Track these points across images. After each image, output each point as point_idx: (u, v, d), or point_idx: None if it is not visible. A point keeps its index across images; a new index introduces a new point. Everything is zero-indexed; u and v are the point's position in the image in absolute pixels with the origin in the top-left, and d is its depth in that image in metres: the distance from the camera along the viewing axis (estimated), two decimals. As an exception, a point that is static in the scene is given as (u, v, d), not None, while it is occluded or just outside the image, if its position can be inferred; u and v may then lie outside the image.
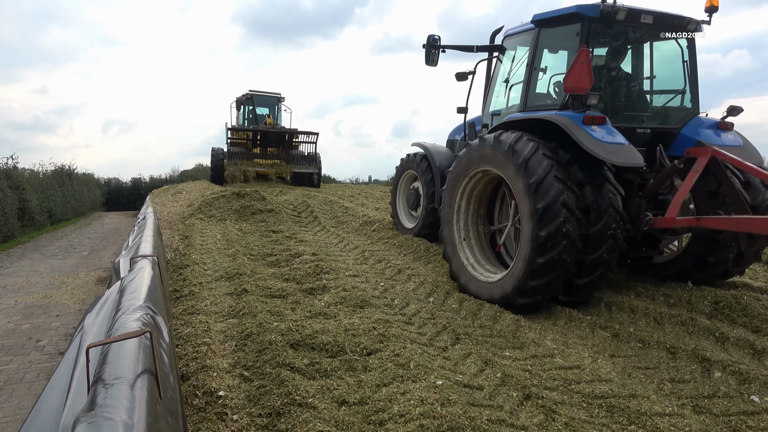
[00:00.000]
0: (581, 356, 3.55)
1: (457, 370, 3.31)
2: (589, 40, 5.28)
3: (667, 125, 5.66)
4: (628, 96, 5.77)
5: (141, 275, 2.18)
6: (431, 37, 6.46)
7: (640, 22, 5.47)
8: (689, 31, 5.69)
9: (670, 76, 5.87)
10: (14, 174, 18.18)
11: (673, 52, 5.81)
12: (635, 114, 5.64)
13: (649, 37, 5.75)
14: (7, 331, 6.67)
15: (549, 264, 4.42)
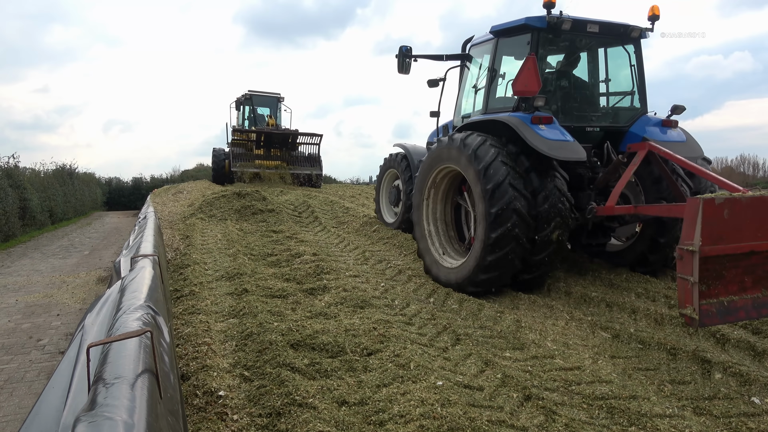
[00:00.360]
0: (582, 357, 3.55)
1: (457, 371, 3.30)
2: (538, 48, 5.81)
3: (616, 124, 6.16)
4: (578, 98, 6.25)
5: (142, 275, 2.18)
6: (404, 47, 6.93)
7: (586, 31, 5.96)
8: (634, 38, 6.21)
9: (620, 80, 6.40)
10: (15, 173, 18.19)
11: (621, 57, 6.34)
12: (585, 114, 6.12)
13: (597, 44, 6.29)
14: (7, 330, 6.68)
15: (502, 238, 4.95)
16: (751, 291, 3.67)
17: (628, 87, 6.34)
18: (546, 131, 5.27)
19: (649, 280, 5.47)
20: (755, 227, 3.73)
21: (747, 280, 3.70)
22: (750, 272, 3.72)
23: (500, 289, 5.22)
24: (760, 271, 3.73)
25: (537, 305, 4.71)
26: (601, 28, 6.03)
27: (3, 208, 15.46)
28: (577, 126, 5.87)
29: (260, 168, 16.48)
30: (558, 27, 5.79)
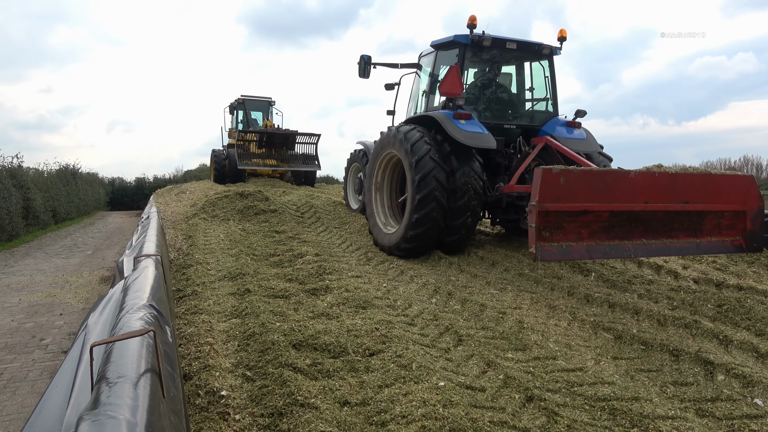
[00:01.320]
0: (584, 358, 3.54)
1: (459, 372, 3.30)
2: (465, 60, 7.24)
3: (531, 124, 7.59)
4: (500, 101, 7.75)
5: (145, 274, 2.18)
6: (365, 56, 8.19)
7: (505, 47, 7.38)
8: (546, 54, 7.62)
9: (537, 88, 7.86)
10: (19, 173, 18.24)
11: (538, 70, 7.80)
12: (505, 114, 7.66)
13: (516, 58, 7.79)
14: (11, 329, 6.70)
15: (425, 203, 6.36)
16: (587, 240, 4.78)
17: (543, 94, 7.82)
18: (465, 125, 6.60)
19: (651, 281, 5.47)
20: (588, 193, 4.80)
21: (584, 232, 4.83)
22: (586, 226, 4.83)
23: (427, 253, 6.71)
24: (594, 226, 4.84)
25: (539, 306, 4.70)
26: (518, 46, 7.45)
27: (7, 208, 15.51)
28: (497, 123, 7.36)
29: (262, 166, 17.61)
30: (480, 43, 7.18)
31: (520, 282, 5.59)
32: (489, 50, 7.47)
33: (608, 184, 5.04)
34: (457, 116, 6.67)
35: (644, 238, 5.23)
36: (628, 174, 5.11)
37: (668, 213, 5.26)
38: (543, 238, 4.60)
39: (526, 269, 6.07)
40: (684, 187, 5.32)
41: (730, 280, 5.44)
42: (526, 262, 6.40)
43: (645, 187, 5.18)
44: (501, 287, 5.27)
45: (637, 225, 5.16)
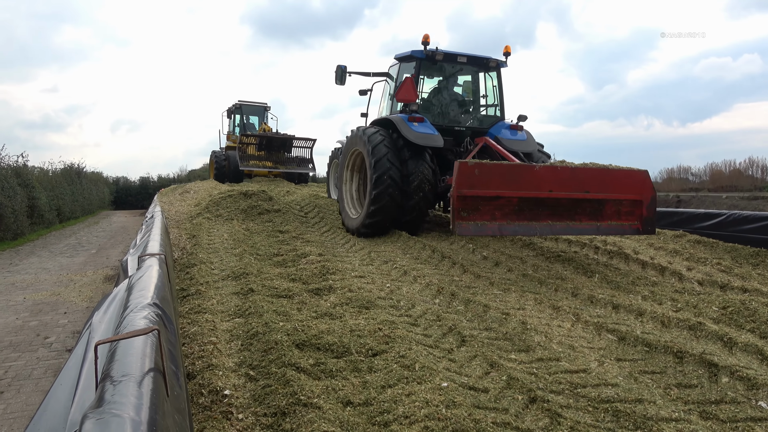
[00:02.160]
0: (587, 360, 3.53)
1: (462, 373, 3.30)
2: (421, 71, 8.61)
3: (480, 126, 8.84)
4: (451, 106, 8.99)
5: (149, 273, 2.19)
6: (341, 65, 9.37)
7: (456, 61, 8.67)
8: (492, 67, 8.91)
9: (486, 96, 9.19)
10: (24, 172, 18.32)
11: (487, 80, 9.12)
12: (457, 118, 8.96)
13: (467, 70, 9.07)
14: (15, 327, 6.72)
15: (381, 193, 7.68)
16: (499, 220, 5.84)
17: (492, 101, 9.14)
18: (417, 126, 7.84)
19: (656, 283, 5.45)
20: (500, 182, 5.85)
21: (497, 213, 5.87)
22: (498, 209, 5.87)
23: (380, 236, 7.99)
24: (505, 209, 5.90)
25: (543, 306, 4.70)
26: (468, 60, 8.74)
27: (12, 207, 15.57)
28: (448, 126, 8.63)
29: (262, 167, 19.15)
30: (433, 57, 8.44)
31: (524, 283, 5.58)
32: (442, 63, 8.76)
33: (517, 176, 6.12)
34: (411, 119, 7.93)
35: (550, 220, 6.33)
36: (534, 167, 6.22)
37: (571, 200, 6.34)
38: (461, 217, 5.78)
39: (530, 270, 6.06)
40: (585, 179, 6.40)
41: (735, 282, 5.42)
42: (530, 263, 6.39)
43: (549, 178, 6.22)
44: (504, 288, 5.26)
45: (544, 209, 6.25)
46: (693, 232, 7.98)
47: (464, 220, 5.81)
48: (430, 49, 8.39)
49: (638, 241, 7.66)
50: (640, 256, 6.57)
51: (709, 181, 32.98)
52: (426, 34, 8.37)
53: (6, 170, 16.48)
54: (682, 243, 7.49)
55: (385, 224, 7.97)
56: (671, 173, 36.85)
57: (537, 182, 6.17)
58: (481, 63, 8.91)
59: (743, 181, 32.17)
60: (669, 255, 6.86)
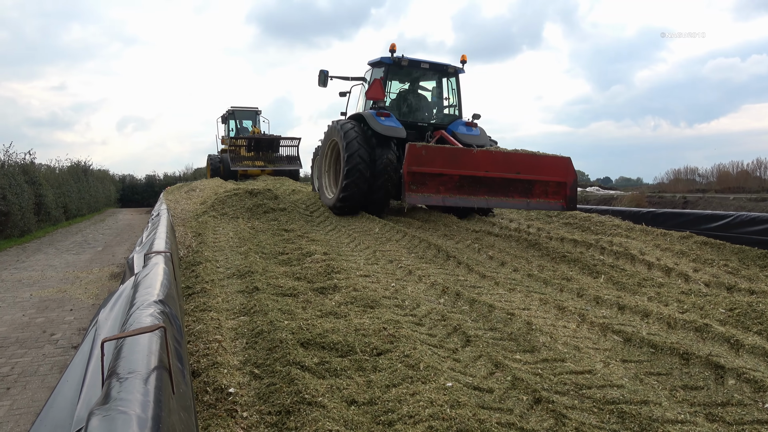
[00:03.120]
0: (593, 361, 3.52)
1: (467, 372, 3.29)
2: (389, 75, 10.17)
3: (440, 123, 10.43)
4: (416, 105, 10.71)
5: (155, 271, 2.20)
6: (323, 70, 10.80)
7: (420, 66, 10.28)
8: (451, 73, 10.56)
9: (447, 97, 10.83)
10: (31, 169, 18.42)
11: (447, 83, 10.76)
12: (421, 115, 10.63)
13: (430, 75, 10.73)
14: (22, 324, 6.76)
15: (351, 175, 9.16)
16: (443, 193, 7.49)
17: (451, 102, 10.78)
18: (383, 120, 9.29)
19: (662, 284, 5.43)
20: (443, 162, 7.45)
21: (441, 188, 7.51)
22: (442, 184, 7.51)
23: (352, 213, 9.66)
24: (448, 185, 7.55)
25: (548, 307, 4.68)
26: (430, 66, 10.33)
27: (19, 204, 15.66)
28: (412, 121, 10.25)
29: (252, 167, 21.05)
30: (399, 63, 10.03)
31: (529, 283, 5.57)
32: (407, 68, 10.38)
33: (457, 157, 7.75)
34: (379, 114, 9.43)
35: (486, 195, 7.96)
36: (472, 151, 7.83)
37: (505, 179, 7.96)
38: (411, 189, 7.47)
39: (535, 270, 6.05)
40: (516, 162, 8.05)
41: (742, 284, 5.38)
42: (535, 263, 6.37)
43: (485, 161, 7.86)
44: (510, 288, 5.25)
45: (481, 186, 7.88)
46: (700, 233, 7.94)
47: (413, 192, 7.54)
48: (396, 56, 10.05)
49: (644, 242, 7.63)
50: (647, 257, 6.54)
51: (716, 183, 32.73)
52: (393, 44, 9.98)
53: (13, 168, 16.57)
54: (688, 244, 7.45)
55: (354, 201, 9.43)
56: (678, 174, 36.54)
57: (475, 163, 7.85)
58: (442, 69, 10.57)
59: (751, 182, 31.92)
60: (675, 256, 6.82)
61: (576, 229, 8.97)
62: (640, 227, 8.56)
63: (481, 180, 7.89)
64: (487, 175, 7.89)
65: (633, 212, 9.88)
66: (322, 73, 10.80)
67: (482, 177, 7.89)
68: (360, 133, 9.41)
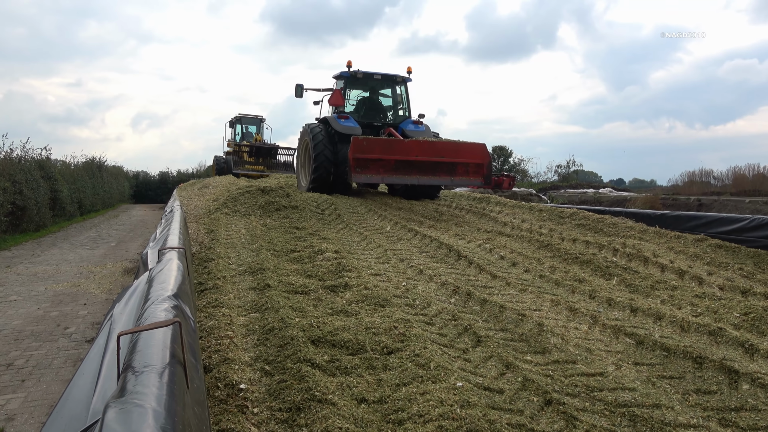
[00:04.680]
0: (604, 363, 3.50)
1: (477, 373, 3.29)
2: (347, 86, 12.84)
3: (393, 122, 12.92)
4: (372, 109, 13.26)
5: (169, 266, 2.22)
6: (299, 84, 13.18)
7: (373, 78, 12.94)
8: (400, 82, 13.18)
9: (399, 101, 13.37)
10: (47, 165, 18.63)
11: (398, 90, 13.34)
12: (377, 117, 13.14)
13: (382, 84, 13.32)
14: (36, 317, 6.85)
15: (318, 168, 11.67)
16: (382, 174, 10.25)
17: (402, 105, 13.33)
18: (343, 122, 11.77)
19: (675, 287, 5.38)
20: (380, 150, 10.08)
21: (381, 170, 10.12)
22: (381, 167, 10.08)
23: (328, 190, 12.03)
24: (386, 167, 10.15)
25: (560, 308, 4.66)
26: (382, 77, 13.01)
27: (35, 199, 15.85)
28: (369, 122, 12.68)
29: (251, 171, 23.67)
30: (356, 76, 12.79)
31: (541, 284, 5.54)
32: (362, 80, 13.04)
33: (392, 146, 10.49)
34: (339, 117, 11.96)
35: (417, 175, 10.63)
36: (403, 141, 10.71)
37: (432, 162, 10.66)
38: (356, 171, 10.11)
39: (547, 271, 6.01)
40: (441, 149, 10.77)
41: (757, 288, 5.32)
42: (547, 264, 6.34)
43: (415, 148, 10.56)
44: (521, 288, 5.23)
45: (413, 168, 10.54)
46: (714, 236, 7.85)
47: (358, 173, 10.26)
48: (352, 71, 12.72)
49: (658, 245, 7.56)
50: (660, 260, 6.48)
51: (731, 185, 32.29)
52: (349, 60, 12.72)
53: (30, 163, 16.78)
54: (702, 247, 7.37)
55: (321, 186, 11.91)
56: (692, 176, 36.08)
57: (406, 150, 10.54)
58: (392, 79, 13.17)
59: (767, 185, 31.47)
60: (689, 259, 6.76)
61: (589, 230, 8.91)
62: (653, 229, 8.48)
63: (412, 163, 10.59)
64: (417, 159, 10.56)
65: (647, 214, 9.79)
66: (298, 86, 13.15)
67: (413, 161, 10.57)
68: (325, 134, 11.80)
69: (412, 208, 11.37)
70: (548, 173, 44.91)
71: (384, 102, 13.57)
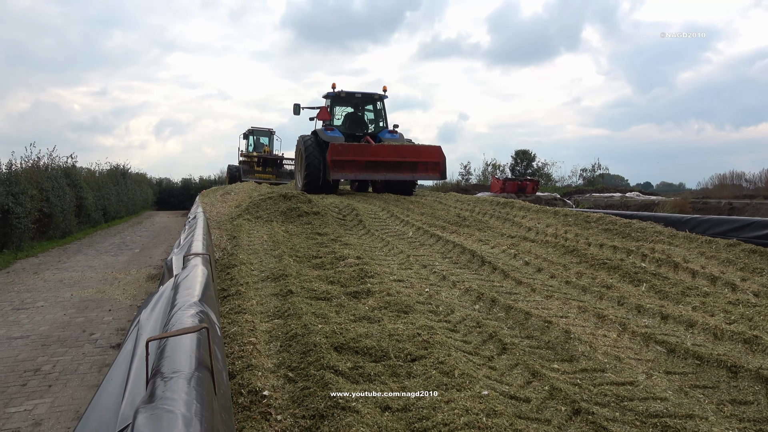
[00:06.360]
0: (634, 372, 3.44)
1: (503, 381, 3.26)
2: (334, 103, 15.71)
3: (373, 133, 15.47)
4: (354, 122, 15.93)
5: (194, 272, 2.24)
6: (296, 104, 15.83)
7: (355, 96, 15.73)
8: (377, 99, 15.96)
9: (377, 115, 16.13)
10: (73, 172, 19.06)
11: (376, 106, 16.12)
12: (359, 128, 15.69)
13: (363, 102, 16.15)
14: (63, 323, 7.00)
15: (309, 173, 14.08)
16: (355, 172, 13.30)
17: (380, 118, 16.03)
18: (329, 133, 14.25)
19: (707, 294, 5.26)
20: (353, 153, 13.10)
21: (354, 169, 13.14)
22: (354, 167, 13.12)
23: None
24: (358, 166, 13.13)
25: (587, 315, 4.59)
26: (362, 95, 15.76)
27: (61, 206, 16.21)
28: (352, 133, 15.19)
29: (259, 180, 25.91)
30: (339, 95, 15.48)
31: (567, 290, 5.48)
32: (345, 98, 15.76)
33: (362, 149, 13.24)
34: (326, 129, 14.53)
35: (385, 173, 13.36)
36: (371, 145, 13.53)
37: (396, 162, 13.36)
38: (334, 170, 12.86)
39: (574, 277, 5.94)
40: (403, 151, 13.59)
41: (794, 295, 5.17)
42: (573, 270, 6.26)
43: (382, 151, 13.35)
44: (547, 295, 5.18)
45: (381, 167, 13.23)
46: (748, 240, 7.66)
47: (335, 172, 12.96)
48: (337, 91, 15.45)
49: (688, 250, 7.41)
50: (690, 265, 6.35)
51: (764, 188, 31.45)
52: (333, 83, 15.54)
53: (56, 171, 17.18)
54: (735, 252, 7.20)
55: (312, 186, 14.03)
56: (723, 179, 35.20)
57: (374, 152, 13.31)
58: (370, 96, 15.91)
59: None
60: (721, 264, 6.61)
61: (616, 235, 8.77)
62: (683, 234, 8.32)
63: (380, 163, 13.27)
64: (384, 159, 13.28)
65: (676, 218, 9.61)
66: (295, 105, 15.73)
67: (380, 161, 13.25)
68: (314, 143, 14.24)
69: (435, 213, 11.34)
70: (573, 177, 44.36)
71: (366, 116, 16.43)
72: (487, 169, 44.67)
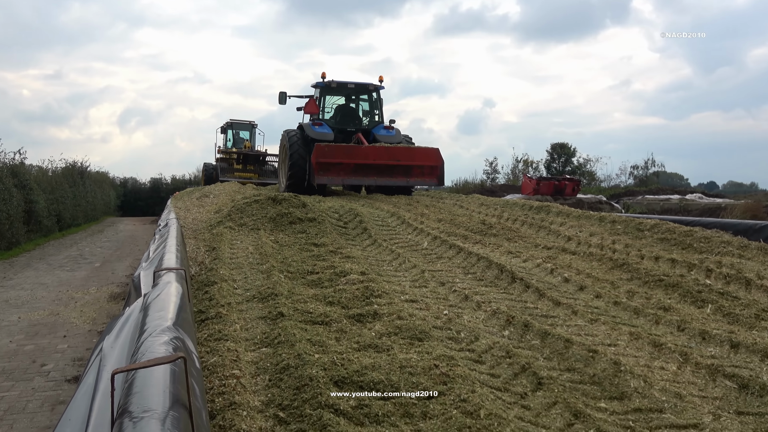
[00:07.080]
0: (699, 412, 3.42)
1: (539, 423, 3.25)
2: (324, 94, 16.99)
3: (366, 127, 16.76)
4: (345, 115, 17.16)
5: (167, 291, 2.26)
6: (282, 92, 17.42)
7: (347, 87, 17.00)
8: (372, 90, 17.19)
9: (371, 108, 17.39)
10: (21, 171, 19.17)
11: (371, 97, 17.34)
12: (350, 123, 16.94)
13: (356, 92, 17.43)
14: (8, 352, 7.04)
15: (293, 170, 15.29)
16: (342, 176, 14.80)
17: (375, 111, 17.14)
18: (316, 128, 15.54)
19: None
20: (341, 155, 14.33)
21: (341, 172, 14.50)
22: (342, 170, 14.40)
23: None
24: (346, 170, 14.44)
25: (641, 343, 4.58)
26: (356, 85, 16.97)
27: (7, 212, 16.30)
28: (342, 128, 16.33)
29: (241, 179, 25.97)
30: (330, 86, 16.60)
31: (616, 312, 5.46)
32: (336, 88, 16.75)
33: (351, 151, 14.62)
34: (314, 124, 15.61)
35: (375, 177, 14.61)
36: (361, 147, 14.86)
37: (388, 165, 14.39)
38: (319, 174, 14.01)
39: (624, 297, 5.92)
40: (396, 153, 14.71)
41: None
42: (623, 288, 6.25)
43: (372, 153, 14.51)
44: (591, 318, 5.17)
45: (371, 171, 14.38)
46: (836, 253, 7.61)
47: (321, 176, 13.91)
48: (327, 81, 16.39)
49: (763, 264, 7.38)
50: (765, 282, 6.32)
51: None
52: (323, 72, 16.48)
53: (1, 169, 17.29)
54: (821, 267, 7.16)
55: (296, 186, 14.85)
56: (805, 178, 35.05)
57: (364, 155, 14.31)
58: (364, 87, 17.00)
59: None
60: (804, 282, 6.57)
61: (674, 246, 8.75)
62: (756, 244, 8.27)
63: (371, 166, 14.23)
64: (375, 162, 14.22)
65: (747, 226, 9.57)
66: (281, 93, 17.27)
67: (371, 164, 14.22)
68: (300, 139, 15.28)
69: (455, 219, 11.35)
70: (621, 176, 44.26)
71: (359, 108, 17.50)
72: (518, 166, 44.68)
